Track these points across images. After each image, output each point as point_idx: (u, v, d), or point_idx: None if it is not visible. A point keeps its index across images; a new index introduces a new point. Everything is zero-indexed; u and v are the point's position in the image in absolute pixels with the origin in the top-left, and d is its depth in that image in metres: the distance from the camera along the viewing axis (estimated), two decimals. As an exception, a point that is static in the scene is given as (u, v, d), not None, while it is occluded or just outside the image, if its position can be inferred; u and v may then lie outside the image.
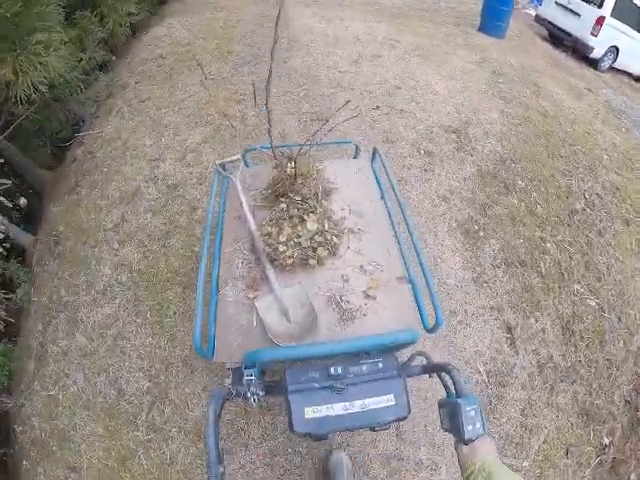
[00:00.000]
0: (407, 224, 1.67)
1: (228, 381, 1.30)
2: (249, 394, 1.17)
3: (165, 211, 3.18)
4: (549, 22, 7.52)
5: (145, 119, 4.12)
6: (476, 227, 3.07)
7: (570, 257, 3.06)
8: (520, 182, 3.48)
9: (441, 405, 1.22)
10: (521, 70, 5.20)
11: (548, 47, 7.14)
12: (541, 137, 4.03)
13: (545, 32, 7.82)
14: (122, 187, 3.44)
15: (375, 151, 1.97)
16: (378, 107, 3.96)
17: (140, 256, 2.96)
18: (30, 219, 3.89)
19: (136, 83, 4.74)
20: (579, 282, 2.95)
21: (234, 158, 1.93)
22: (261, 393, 1.18)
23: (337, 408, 1.12)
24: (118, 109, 4.39)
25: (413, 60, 4.88)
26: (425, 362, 1.37)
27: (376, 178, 1.94)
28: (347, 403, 1.13)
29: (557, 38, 7.42)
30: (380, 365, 1.20)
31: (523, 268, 2.91)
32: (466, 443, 1.08)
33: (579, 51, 7.00)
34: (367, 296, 1.51)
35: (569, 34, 7.08)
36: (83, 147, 4.12)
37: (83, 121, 4.61)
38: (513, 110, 4.28)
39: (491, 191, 3.35)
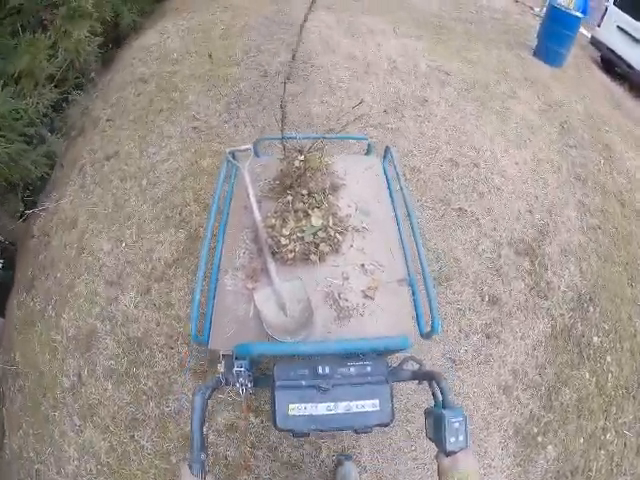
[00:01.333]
0: (412, 226, 1.65)
1: (220, 367, 1.31)
2: (238, 385, 1.18)
3: (129, 382, 2.46)
4: (607, 48, 6.32)
5: (106, 196, 3.35)
6: (535, 430, 2.42)
7: (625, 444, 2.51)
8: (596, 338, 2.77)
9: (427, 414, 1.21)
10: (588, 121, 4.41)
11: (606, 80, 6.16)
12: (620, 247, 3.26)
13: (598, 54, 6.76)
14: (76, 320, 2.76)
15: (387, 149, 1.95)
16: (427, 205, 3.08)
17: (107, 446, 2.34)
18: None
19: (107, 121, 4.08)
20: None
21: (245, 147, 1.92)
22: (249, 384, 1.19)
23: (320, 408, 1.13)
24: (81, 166, 3.70)
25: (469, 108, 4.03)
26: (416, 368, 1.36)
27: (386, 177, 1.92)
28: (331, 404, 1.13)
29: (612, 64, 6.45)
30: (368, 369, 1.19)
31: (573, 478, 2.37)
32: (448, 454, 1.08)
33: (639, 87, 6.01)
34: (366, 296, 1.50)
35: (630, 66, 5.95)
36: (41, 221, 3.53)
37: (47, 174, 3.90)
38: (591, 200, 3.49)
39: (563, 362, 2.65)
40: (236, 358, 1.18)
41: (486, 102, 4.18)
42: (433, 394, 1.25)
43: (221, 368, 1.27)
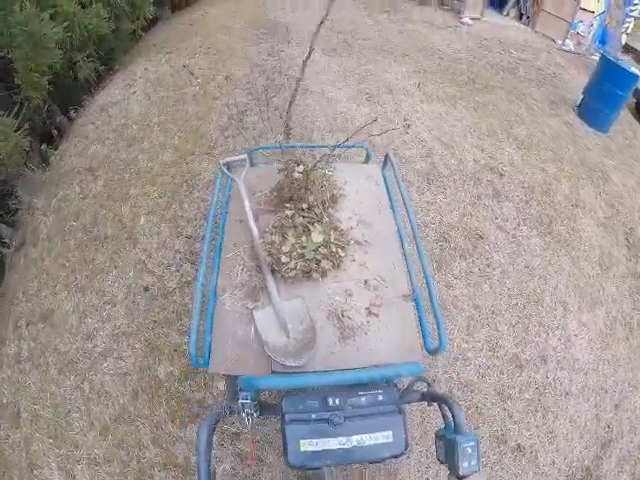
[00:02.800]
0: (415, 237, 1.61)
1: (221, 386, 1.27)
2: (243, 414, 1.14)
3: None
4: None
5: (45, 392, 2.45)
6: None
7: None
8: None
9: (438, 437, 1.19)
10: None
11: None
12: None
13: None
14: None
15: (387, 157, 1.89)
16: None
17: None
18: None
19: (45, 240, 3.18)
20: None
21: (240, 157, 1.86)
22: (255, 414, 1.15)
23: (333, 442, 1.09)
24: (17, 318, 2.80)
25: (533, 243, 3.10)
26: (426, 388, 1.32)
27: (386, 186, 1.86)
28: (344, 438, 1.09)
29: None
30: (380, 397, 1.16)
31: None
32: (460, 478, 1.06)
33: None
34: (370, 313, 1.45)
35: None
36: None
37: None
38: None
39: None
40: (241, 389, 1.13)
41: (552, 224, 3.31)
42: (443, 416, 1.22)
43: (222, 387, 1.22)
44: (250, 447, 1.15)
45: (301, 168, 1.57)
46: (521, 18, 7.05)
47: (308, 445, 1.08)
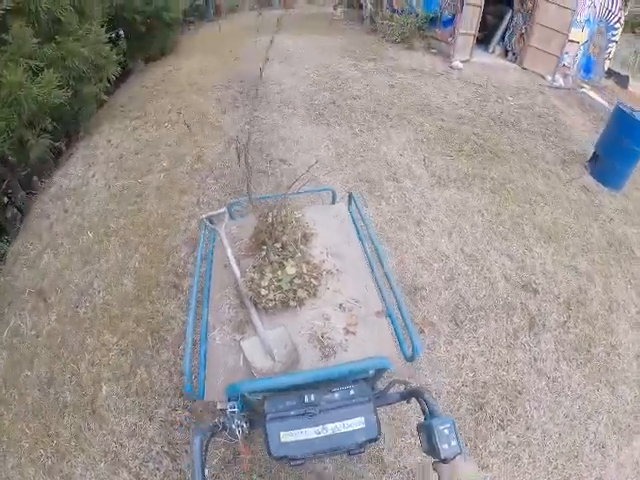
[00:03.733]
0: (381, 261, 1.79)
1: (220, 404, 1.37)
2: (234, 426, 1.24)
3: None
4: None
5: None
6: None
7: None
8: None
9: (419, 429, 1.28)
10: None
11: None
12: None
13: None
14: None
15: (350, 196, 2.13)
16: None
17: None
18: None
19: (0, 386, 2.73)
20: None
21: (219, 212, 2.09)
22: (245, 425, 1.25)
23: (310, 432, 1.20)
24: None
25: (574, 384, 2.71)
26: (402, 389, 1.44)
27: (353, 220, 2.08)
28: (320, 427, 1.20)
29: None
30: (352, 392, 1.27)
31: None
32: (444, 462, 1.13)
33: None
34: (348, 332, 1.60)
35: None
36: None
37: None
38: None
39: None
40: (228, 400, 1.25)
41: (591, 347, 2.92)
42: (422, 409, 1.33)
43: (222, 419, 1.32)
44: (243, 454, 1.23)
45: (274, 212, 1.79)
46: (507, 54, 7.22)
47: (288, 436, 1.19)
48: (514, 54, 7.09)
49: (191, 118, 4.87)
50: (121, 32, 6.03)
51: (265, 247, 1.77)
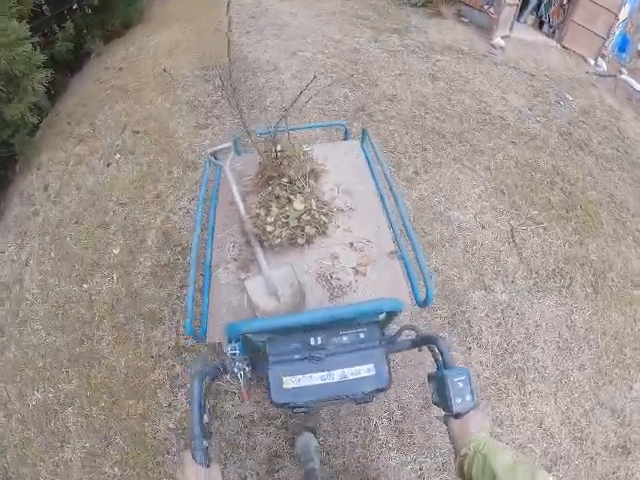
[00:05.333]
0: (396, 200, 1.66)
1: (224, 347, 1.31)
2: (236, 369, 1.18)
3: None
4: None
5: None
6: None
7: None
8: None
9: (430, 378, 1.21)
10: None
11: None
12: None
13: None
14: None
15: (364, 132, 1.97)
16: None
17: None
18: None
19: None
20: None
21: (225, 146, 1.96)
22: (247, 368, 1.20)
23: (315, 378, 1.13)
24: None
25: None
26: (414, 336, 1.36)
27: (366, 157, 1.93)
28: (325, 373, 1.13)
29: None
30: (362, 335, 1.19)
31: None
32: (456, 417, 1.06)
33: None
34: (357, 272, 1.51)
35: None
36: None
37: None
38: None
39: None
40: (229, 341, 1.19)
41: None
42: (435, 359, 1.24)
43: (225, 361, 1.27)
44: (244, 397, 1.18)
45: (279, 147, 1.66)
46: (541, 26, 6.13)
47: (290, 382, 1.12)
48: (551, 27, 6.02)
49: (152, 144, 3.74)
50: (75, 6, 5.04)
51: (271, 182, 1.65)
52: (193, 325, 1.37)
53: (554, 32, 5.95)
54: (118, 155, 3.74)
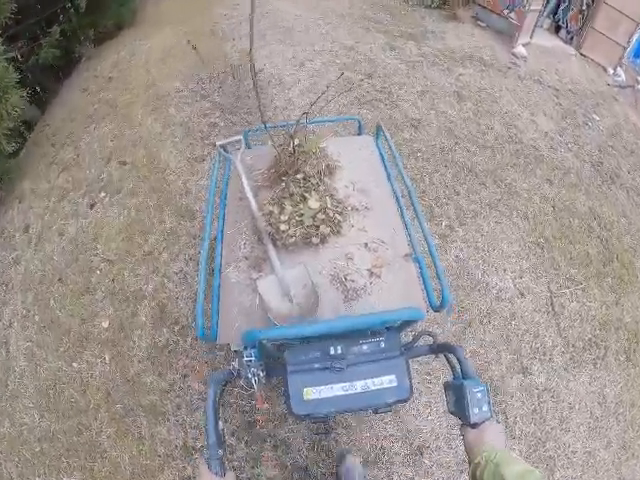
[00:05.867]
0: (412, 200, 1.62)
1: (235, 364, 1.28)
2: (250, 375, 1.15)
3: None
4: None
5: None
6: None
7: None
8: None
9: (447, 387, 1.19)
10: None
11: None
12: None
13: None
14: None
15: (379, 128, 1.91)
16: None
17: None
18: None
19: None
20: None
21: (235, 139, 1.90)
22: (262, 374, 1.16)
23: (337, 389, 1.10)
24: None
25: None
26: (431, 342, 1.33)
27: (381, 155, 1.88)
28: (347, 384, 1.10)
29: None
30: (382, 345, 1.16)
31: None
32: (472, 426, 1.05)
33: None
34: (372, 274, 1.47)
35: None
36: None
37: None
38: None
39: None
40: (245, 347, 1.15)
41: None
42: (451, 367, 1.22)
43: (236, 365, 1.24)
44: (259, 405, 1.15)
45: (296, 141, 1.60)
46: (558, 30, 5.73)
47: (312, 393, 1.09)
48: (568, 32, 5.57)
49: (141, 180, 3.30)
50: (67, 5, 4.66)
51: (285, 178, 1.60)
52: (205, 327, 1.34)
53: (572, 38, 5.57)
54: (103, 193, 3.31)
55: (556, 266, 2.92)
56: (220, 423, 1.06)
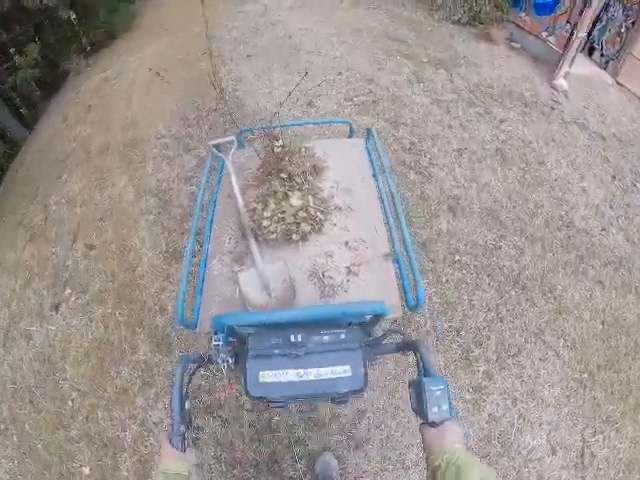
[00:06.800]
0: (394, 202, 1.65)
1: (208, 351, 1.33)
2: (219, 360, 1.19)
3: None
4: None
5: None
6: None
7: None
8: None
9: (410, 385, 1.20)
10: None
11: None
12: None
13: None
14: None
15: (369, 131, 1.95)
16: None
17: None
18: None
19: None
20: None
21: (228, 139, 1.96)
22: (231, 360, 1.21)
23: (291, 374, 1.13)
24: None
25: None
26: (400, 339, 1.36)
27: (370, 157, 1.92)
28: (302, 370, 1.13)
29: None
30: (342, 336, 1.19)
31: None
32: (431, 425, 1.06)
33: None
34: (350, 272, 1.51)
35: None
36: None
37: None
38: None
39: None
40: (215, 333, 1.20)
41: None
42: (417, 365, 1.24)
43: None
44: (227, 390, 1.19)
45: (280, 142, 1.66)
46: (591, 52, 5.08)
47: (267, 377, 1.12)
48: (602, 55, 4.93)
49: (108, 279, 3.02)
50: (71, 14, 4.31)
51: (271, 177, 1.66)
52: (184, 315, 1.39)
53: (607, 62, 4.93)
54: (68, 290, 3.05)
55: (595, 406, 2.51)
56: (187, 403, 1.11)
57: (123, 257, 3.01)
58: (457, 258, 2.82)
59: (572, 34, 4.22)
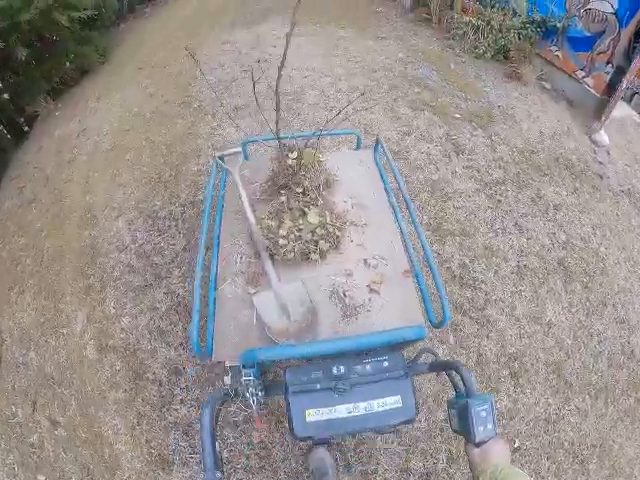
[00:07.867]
0: (411, 216, 1.60)
1: (227, 379, 1.24)
2: (248, 395, 1.11)
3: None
4: None
5: None
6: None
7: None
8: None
9: (450, 405, 1.16)
10: None
11: None
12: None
13: None
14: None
15: (378, 141, 1.90)
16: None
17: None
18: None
19: None
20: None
21: (233, 151, 1.87)
22: (260, 394, 1.13)
23: (340, 410, 1.06)
24: None
25: None
26: (432, 359, 1.30)
27: (379, 169, 1.87)
28: (351, 405, 1.07)
29: None
30: (385, 364, 1.13)
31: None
32: (477, 445, 1.03)
33: None
34: (371, 291, 1.45)
35: None
36: None
37: None
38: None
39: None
40: (243, 367, 1.11)
41: None
42: (454, 385, 1.20)
43: (228, 380, 1.20)
44: (257, 424, 1.11)
45: (294, 154, 1.58)
46: (631, 99, 4.07)
47: (314, 415, 1.05)
48: (628, 88, 3.90)
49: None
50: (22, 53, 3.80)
51: (284, 192, 1.58)
52: (200, 343, 1.29)
53: (633, 95, 4.06)
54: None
55: None
56: (217, 444, 1.02)
57: (96, 449, 2.10)
58: (517, 445, 2.06)
59: (616, 81, 3.48)
